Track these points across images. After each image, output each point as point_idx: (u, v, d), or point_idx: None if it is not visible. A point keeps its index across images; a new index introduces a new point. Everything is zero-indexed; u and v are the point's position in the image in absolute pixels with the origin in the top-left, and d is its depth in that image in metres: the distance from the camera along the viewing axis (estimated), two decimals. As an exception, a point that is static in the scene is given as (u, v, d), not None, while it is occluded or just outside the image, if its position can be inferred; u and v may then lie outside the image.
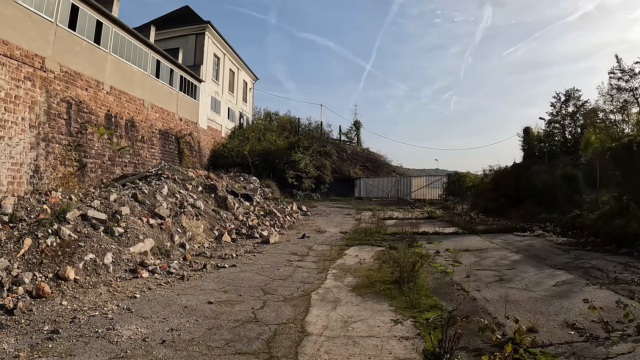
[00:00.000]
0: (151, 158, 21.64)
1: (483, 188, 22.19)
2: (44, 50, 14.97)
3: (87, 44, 17.09)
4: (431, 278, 7.43)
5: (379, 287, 6.79)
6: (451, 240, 12.28)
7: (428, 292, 6.39)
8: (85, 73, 17.09)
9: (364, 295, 6.36)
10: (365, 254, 9.91)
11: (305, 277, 7.65)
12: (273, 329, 4.96)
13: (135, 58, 20.44)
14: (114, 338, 4.69)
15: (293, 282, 7.27)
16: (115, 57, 18.91)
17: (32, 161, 14.32)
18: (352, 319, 5.25)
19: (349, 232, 13.79)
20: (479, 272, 7.85)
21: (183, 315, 5.52)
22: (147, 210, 10.49)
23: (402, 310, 5.60)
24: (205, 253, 9.66)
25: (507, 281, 7.17)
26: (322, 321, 5.20)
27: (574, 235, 12.08)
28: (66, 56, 16.01)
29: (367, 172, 35.49)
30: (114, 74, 18.86)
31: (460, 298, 6.15)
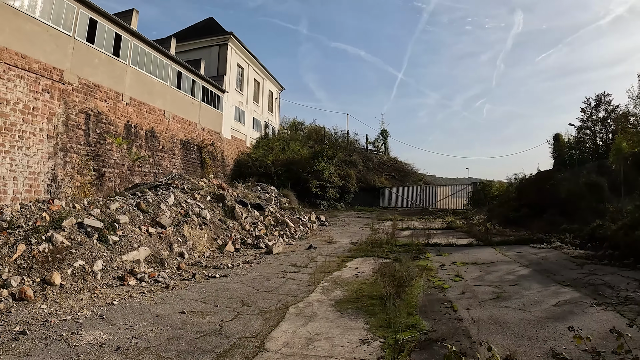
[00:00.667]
0: (172, 167, 22.06)
1: (507, 197, 21.39)
2: (62, 63, 15.56)
3: (106, 56, 17.67)
4: (423, 294, 6.98)
5: (364, 302, 6.43)
6: (462, 252, 11.73)
7: (413, 310, 5.98)
8: (105, 85, 17.66)
9: (344, 310, 6.03)
10: (366, 267, 9.57)
11: (292, 289, 7.41)
12: (231, 343, 4.74)
13: (156, 70, 20.98)
14: (74, 342, 4.74)
15: (277, 294, 7.04)
16: (135, 69, 19.47)
17: (49, 170, 14.84)
18: (318, 337, 4.93)
19: (359, 243, 13.45)
20: (477, 288, 7.34)
21: (151, 324, 5.42)
22: (150, 219, 10.57)
23: (376, 329, 5.22)
24: (201, 262, 9.59)
25: (504, 299, 6.66)
26: (286, 337, 4.93)
27: (593, 248, 11.33)
28: (85, 68, 16.58)
29: (394, 182, 34.93)
30: (133, 85, 19.40)
31: (446, 317, 5.73)
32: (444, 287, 7.46)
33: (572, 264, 9.52)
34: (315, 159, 29.63)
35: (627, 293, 6.76)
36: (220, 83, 28.12)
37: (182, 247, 10.16)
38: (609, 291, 6.94)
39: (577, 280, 7.84)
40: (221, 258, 10.44)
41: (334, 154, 31.85)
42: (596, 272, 8.43)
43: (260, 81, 36.04)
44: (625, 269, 8.67)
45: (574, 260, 10.00)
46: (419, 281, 7.73)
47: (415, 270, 8.74)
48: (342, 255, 11.25)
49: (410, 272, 7.52)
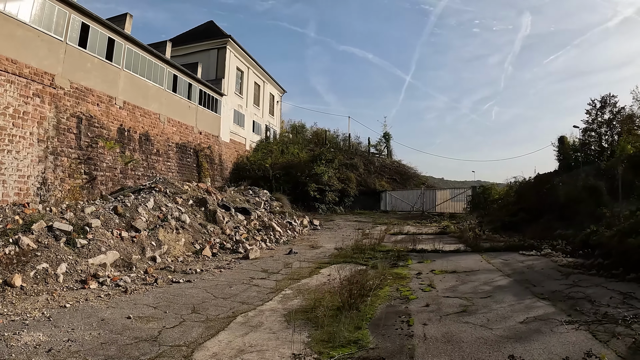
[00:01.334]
0: (167, 171, 22.33)
1: (507, 201, 21.27)
2: (53, 67, 15.89)
3: (99, 60, 17.99)
4: (385, 305, 6.85)
5: (318, 312, 6.20)
6: (446, 259, 11.60)
7: (364, 323, 5.82)
8: (97, 89, 17.97)
9: (292, 321, 5.97)
10: (340, 274, 9.58)
11: (251, 297, 7.44)
12: (161, 351, 4.79)
13: (151, 73, 21.28)
14: (11, 342, 4.89)
15: (233, 301, 7.08)
16: (129, 73, 19.78)
17: (39, 174, 15.14)
18: (251, 349, 4.87)
19: (344, 249, 13.44)
20: (445, 300, 7.10)
21: (93, 328, 5.53)
22: (125, 223, 10.75)
23: (316, 343, 5.10)
24: (170, 267, 9.70)
25: (469, 313, 6.31)
26: (218, 347, 4.93)
27: (584, 255, 10.80)
28: (77, 73, 16.91)
29: (395, 185, 34.85)
30: (127, 89, 19.71)
31: (396, 333, 5.49)
32: (410, 298, 7.25)
33: (558, 273, 9.20)
34: (314, 163, 29.73)
35: (608, 309, 6.33)
36: (219, 86, 28.40)
37: (156, 251, 10.31)
38: (588, 306, 6.53)
39: (557, 292, 7.46)
40: (195, 263, 10.56)
41: (333, 157, 31.90)
42: (580, 284, 8.05)
43: (260, 84, 36.31)
44: (613, 280, 8.23)
45: (560, 269, 9.68)
46: (386, 291, 7.67)
47: (389, 279, 8.76)
48: (319, 262, 11.25)
49: (380, 281, 7.51)
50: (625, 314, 5.99)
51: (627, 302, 6.63)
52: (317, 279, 9.11)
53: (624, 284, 7.83)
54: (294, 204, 28.23)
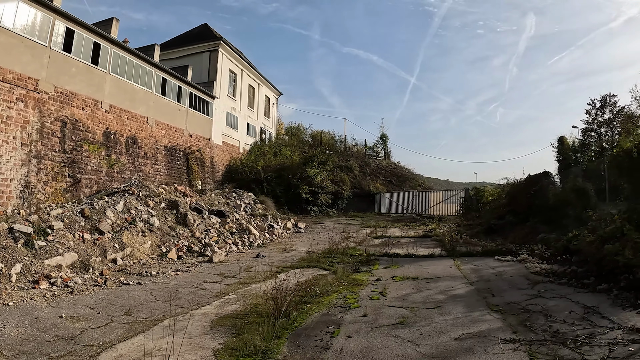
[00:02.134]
0: (155, 174, 22.86)
1: (497, 203, 21.24)
2: (37, 73, 16.45)
3: (84, 65, 18.54)
4: (321, 313, 6.84)
5: (248, 319, 6.37)
6: (416, 264, 11.43)
7: (287, 332, 5.85)
8: (82, 93, 18.53)
9: (216, 327, 6.12)
10: (296, 278, 9.80)
11: (191, 300, 7.61)
12: (72, 349, 5.05)
13: (138, 77, 21.83)
14: None
15: (171, 305, 7.25)
16: (115, 77, 20.33)
17: (22, 177, 15.69)
18: (158, 353, 4.96)
19: (315, 252, 13.72)
20: (388, 310, 6.91)
21: (23, 325, 5.89)
22: (91, 226, 11.19)
23: (225, 351, 5.19)
24: (127, 269, 10.09)
25: (405, 326, 6.05)
26: (126, 349, 5.13)
27: (562, 262, 10.47)
28: (61, 77, 17.47)
29: (391, 187, 35.04)
30: (113, 92, 20.25)
31: (313, 345, 5.39)
32: (352, 307, 7.10)
33: (526, 282, 8.83)
34: (306, 165, 30.10)
35: (562, 326, 5.79)
36: (211, 89, 28.91)
37: (118, 253, 10.73)
38: (540, 322, 6.03)
39: (513, 304, 7.04)
40: (156, 265, 10.93)
41: (326, 159, 32.23)
42: (544, 294, 7.61)
43: (255, 87, 36.81)
44: (582, 291, 7.75)
45: (531, 277, 9.31)
46: (332, 297, 7.74)
47: (344, 285, 8.78)
48: (282, 266, 11.44)
49: (333, 286, 7.63)
50: (579, 332, 5.46)
51: (586, 318, 6.10)
52: (270, 284, 9.26)
53: (591, 296, 7.38)
54: (286, 207, 28.66)
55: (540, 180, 19.38)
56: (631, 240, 8.16)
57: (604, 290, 7.55)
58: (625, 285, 7.38)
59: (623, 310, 6.43)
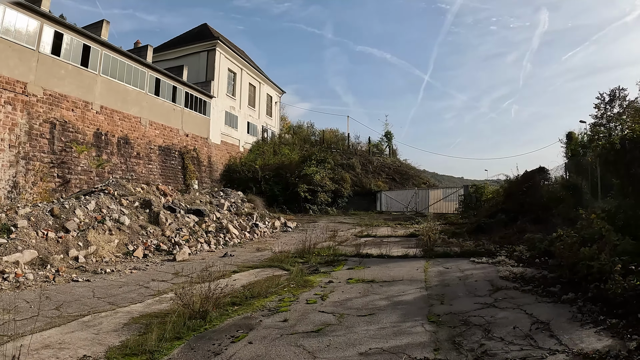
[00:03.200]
0: (148, 173, 23.54)
1: (495, 201, 21.00)
2: (26, 76, 17.20)
3: (74, 67, 19.27)
4: (243, 316, 6.79)
5: (169, 318, 6.33)
6: (383, 266, 11.30)
7: (191, 334, 5.87)
8: (72, 95, 19.26)
9: (129, 326, 6.29)
10: (251, 278, 10.06)
11: (127, 298, 7.79)
12: None
13: (130, 78, 22.51)
14: None
15: (105, 302, 7.56)
16: (106, 78, 21.03)
17: (10, 178, 16.47)
18: (59, 346, 5.20)
19: (287, 252, 13.78)
20: (313, 316, 6.66)
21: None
22: (59, 224, 11.79)
23: (115, 350, 5.31)
24: (84, 267, 10.58)
25: (320, 334, 5.79)
26: (32, 340, 5.31)
27: (539, 265, 9.87)
28: (51, 80, 18.21)
29: (394, 185, 34.99)
30: (104, 94, 20.95)
31: (208, 349, 5.36)
32: (280, 310, 6.96)
33: (489, 287, 8.29)
34: (304, 163, 30.39)
35: (497, 344, 5.16)
36: (208, 88, 29.51)
37: (81, 251, 11.24)
38: (476, 337, 5.47)
39: (458, 314, 6.53)
40: (118, 263, 11.39)
41: (325, 157, 32.48)
42: (499, 304, 7.04)
43: (256, 85, 37.36)
44: (545, 300, 7.07)
45: (497, 282, 8.74)
46: (268, 300, 7.76)
47: (291, 286, 8.78)
48: (244, 265, 11.66)
49: (277, 288, 7.81)
50: (509, 355, 4.80)
51: (530, 336, 5.37)
52: (216, 284, 9.60)
53: (552, 307, 6.66)
54: (285, 206, 29.06)
55: (531, 176, 18.92)
56: (610, 242, 7.41)
57: (569, 300, 6.79)
58: (593, 295, 6.54)
59: (581, 327, 5.64)
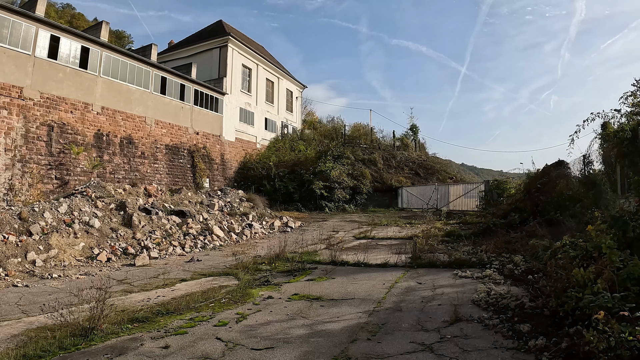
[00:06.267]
0: (154, 173, 24.17)
1: (515, 198, 19.79)
2: (22, 81, 18.03)
3: (72, 69, 20.01)
4: (129, 337, 6.46)
5: (57, 333, 6.36)
6: (350, 277, 10.64)
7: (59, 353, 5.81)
8: (71, 97, 20.03)
9: (16, 337, 6.39)
10: (187, 289, 10.00)
11: (44, 307, 7.91)
12: None
13: (133, 77, 23.13)
14: None
15: (21, 310, 7.83)
16: (107, 79, 21.71)
17: (6, 180, 17.38)
18: None
19: (261, 257, 13.69)
20: (202, 345, 6.04)
21: None
22: (24, 227, 12.32)
23: None
24: (34, 271, 10.96)
25: None
26: None
27: (532, 283, 8.36)
28: (48, 83, 19.02)
29: (418, 180, 34.08)
30: (106, 94, 21.65)
31: None
32: (177, 333, 6.59)
33: (448, 317, 6.99)
34: (319, 159, 30.17)
35: None
36: (220, 85, 29.86)
37: (41, 255, 11.66)
38: None
39: None
40: (76, 267, 11.62)
41: (342, 152, 32.09)
42: (441, 347, 5.69)
43: (274, 80, 37.45)
44: (505, 345, 5.60)
45: (462, 308, 7.52)
46: (178, 317, 7.39)
47: (223, 302, 8.62)
48: (200, 273, 11.26)
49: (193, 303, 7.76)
50: None
51: None
52: (153, 295, 9.56)
53: (513, 354, 5.30)
54: (300, 203, 29.03)
55: (547, 171, 17.50)
56: (611, 264, 5.70)
57: (536, 349, 5.22)
58: (567, 346, 4.95)
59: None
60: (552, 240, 11.43)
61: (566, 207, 14.25)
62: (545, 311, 6.47)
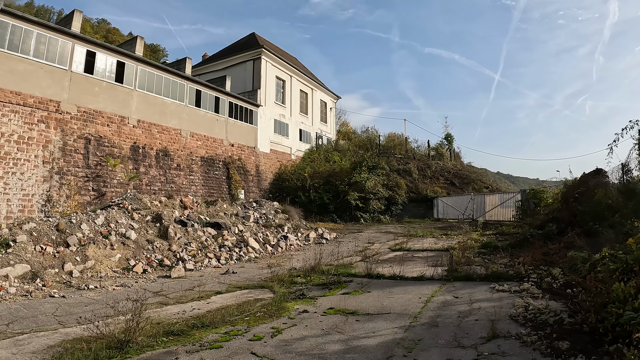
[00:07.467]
0: (189, 184, 24.27)
1: (552, 208, 19.07)
2: (58, 95, 18.39)
3: (108, 84, 20.30)
4: (164, 350, 6.42)
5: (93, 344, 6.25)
6: (386, 290, 10.19)
7: None
8: (107, 110, 20.32)
9: (51, 348, 6.35)
10: (226, 301, 9.76)
11: (80, 319, 7.88)
12: None
13: (168, 91, 23.34)
14: None
15: (54, 321, 7.69)
16: (143, 92, 21.94)
17: (44, 192, 17.66)
18: None
19: (296, 270, 13.41)
20: None
21: None
22: (61, 239, 12.34)
23: None
24: (71, 282, 10.84)
25: None
26: None
27: (572, 297, 8.07)
28: (84, 97, 19.35)
29: (454, 190, 33.17)
30: (141, 108, 21.87)
31: None
32: (212, 347, 6.45)
33: (485, 333, 6.75)
34: (354, 170, 29.81)
35: None
36: (254, 97, 29.88)
37: (78, 266, 11.56)
38: None
39: None
40: (112, 279, 11.35)
41: (377, 163, 31.63)
42: None
43: (308, 92, 37.27)
44: None
45: (500, 324, 7.21)
46: (214, 330, 7.24)
47: (258, 315, 8.46)
48: (236, 285, 10.87)
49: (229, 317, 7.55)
50: None
51: None
52: (191, 306, 9.39)
53: None
54: (335, 214, 28.72)
55: (585, 180, 16.78)
56: None
57: None
58: None
59: None
60: (591, 252, 10.79)
61: (605, 217, 13.51)
62: (585, 327, 6.25)
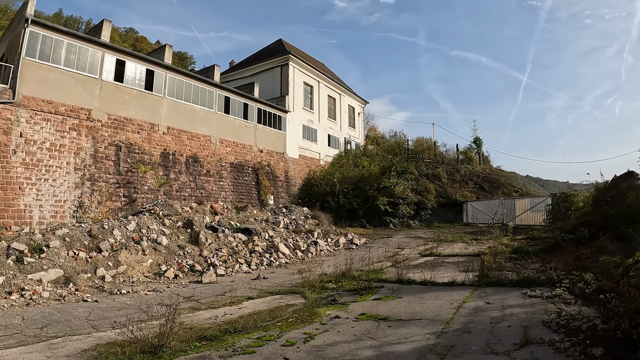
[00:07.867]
0: (219, 190, 24.25)
1: (583, 212, 18.46)
2: (89, 103, 18.59)
3: (137, 92, 20.47)
4: (197, 355, 6.42)
5: (127, 348, 6.32)
6: (417, 296, 9.97)
7: None
8: (137, 118, 20.50)
9: (85, 352, 6.33)
10: (258, 307, 9.48)
11: (114, 323, 7.73)
12: None
13: (197, 98, 23.42)
14: None
15: (87, 326, 7.54)
16: (172, 100, 22.07)
17: (75, 198, 17.84)
18: None
19: (327, 275, 13.20)
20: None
21: None
22: (94, 244, 12.35)
23: None
24: (103, 286, 10.74)
25: None
26: None
27: (605, 303, 7.78)
28: (114, 105, 19.53)
29: (483, 194, 32.27)
30: (171, 115, 21.98)
31: None
32: (245, 352, 6.41)
33: (518, 339, 6.63)
34: (383, 175, 29.35)
35: None
36: (283, 103, 29.81)
37: (110, 271, 11.52)
38: None
39: None
40: (144, 284, 11.26)
41: (406, 167, 31.09)
42: None
43: (336, 97, 37.00)
44: None
45: (533, 330, 7.08)
46: (246, 336, 7.21)
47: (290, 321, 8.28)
48: (267, 291, 10.70)
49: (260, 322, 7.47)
50: None
51: None
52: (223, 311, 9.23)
53: None
54: (364, 220, 28.35)
55: (615, 183, 16.20)
56: None
57: None
58: None
59: None
60: (624, 256, 10.32)
61: (637, 221, 12.95)
62: (618, 334, 6.19)
